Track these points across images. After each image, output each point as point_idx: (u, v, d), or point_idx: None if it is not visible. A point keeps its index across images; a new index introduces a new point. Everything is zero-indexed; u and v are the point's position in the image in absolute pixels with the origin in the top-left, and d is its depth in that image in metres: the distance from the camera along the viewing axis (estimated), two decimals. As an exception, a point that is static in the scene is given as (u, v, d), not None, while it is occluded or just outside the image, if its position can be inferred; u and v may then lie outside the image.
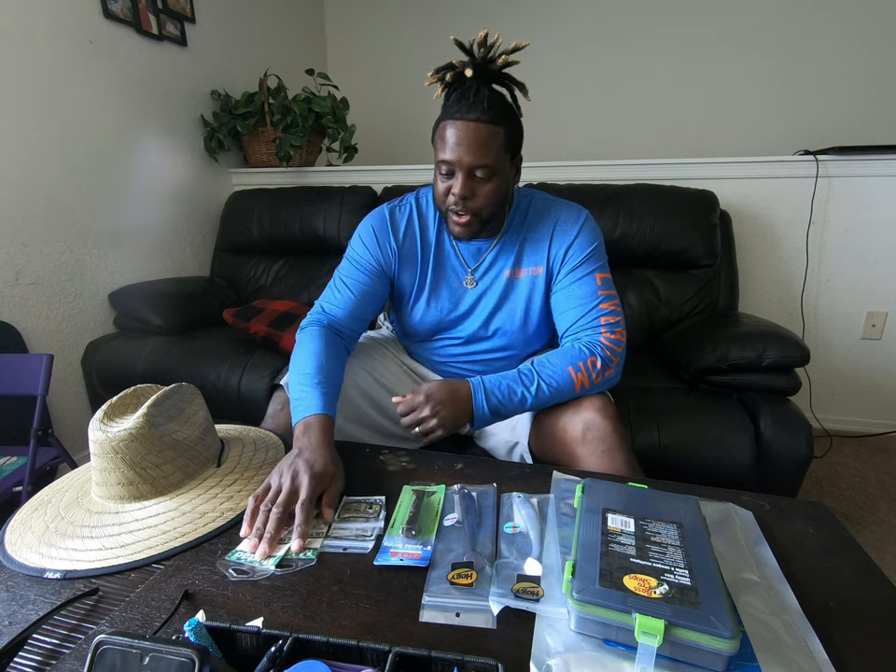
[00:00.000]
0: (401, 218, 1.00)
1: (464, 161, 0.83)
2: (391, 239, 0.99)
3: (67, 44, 1.53)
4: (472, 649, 0.45)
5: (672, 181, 1.72)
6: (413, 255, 1.00)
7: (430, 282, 1.00)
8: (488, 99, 0.82)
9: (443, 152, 0.84)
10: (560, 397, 0.87)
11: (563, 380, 0.86)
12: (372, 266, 0.99)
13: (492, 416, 0.86)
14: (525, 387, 0.85)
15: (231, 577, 0.55)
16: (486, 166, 0.84)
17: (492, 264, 0.99)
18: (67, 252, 1.58)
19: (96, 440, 0.63)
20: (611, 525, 0.55)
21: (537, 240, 0.97)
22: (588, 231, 0.96)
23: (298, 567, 0.56)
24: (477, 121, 0.82)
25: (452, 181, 0.86)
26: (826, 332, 1.91)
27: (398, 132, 2.84)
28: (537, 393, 0.85)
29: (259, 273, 2.03)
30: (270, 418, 0.96)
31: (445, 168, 0.85)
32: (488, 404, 0.84)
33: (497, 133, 0.83)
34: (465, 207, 0.87)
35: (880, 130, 2.15)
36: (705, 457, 1.13)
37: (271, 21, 2.44)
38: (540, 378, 0.86)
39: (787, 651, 0.45)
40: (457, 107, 0.83)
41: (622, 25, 2.43)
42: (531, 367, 0.87)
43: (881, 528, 1.39)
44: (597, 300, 0.92)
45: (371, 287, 0.99)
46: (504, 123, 0.84)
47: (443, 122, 0.85)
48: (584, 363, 0.86)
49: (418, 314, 1.02)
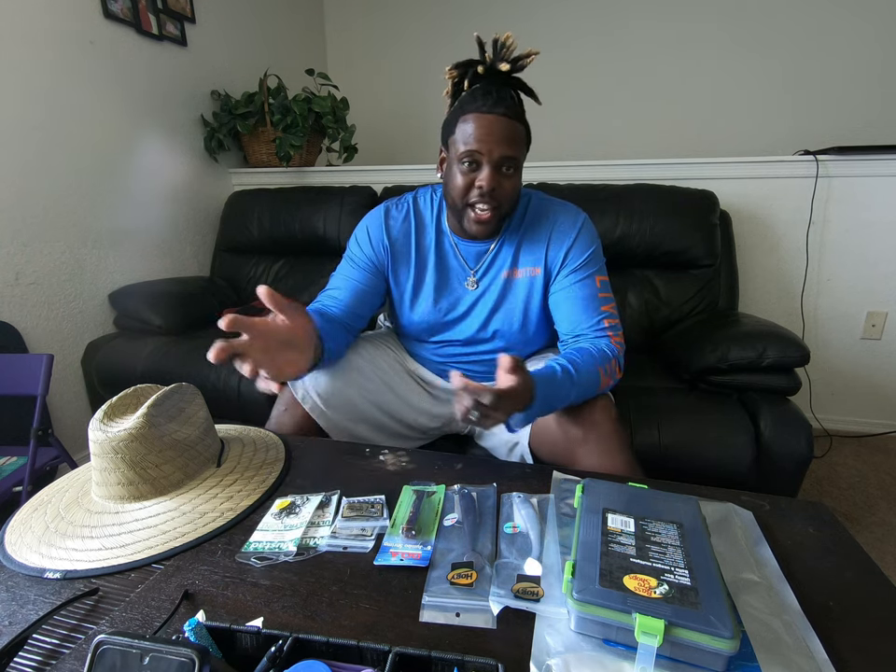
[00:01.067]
0: (397, 217, 1.01)
1: (494, 152, 0.83)
2: (384, 237, 1.00)
3: (67, 44, 1.53)
4: (472, 649, 0.45)
5: (672, 181, 1.72)
6: (407, 253, 1.01)
7: (427, 282, 1.01)
8: (511, 97, 0.85)
9: (470, 143, 0.84)
10: (583, 397, 0.85)
11: (594, 380, 0.83)
12: (368, 264, 1.01)
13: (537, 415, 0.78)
14: (567, 388, 0.80)
15: (256, 565, 0.56)
16: (513, 158, 0.85)
17: (491, 265, 0.99)
18: (67, 252, 1.58)
19: (96, 440, 0.63)
20: (611, 525, 0.55)
21: (534, 241, 0.97)
22: (587, 233, 0.96)
23: (313, 554, 0.58)
24: (506, 116, 0.83)
25: (475, 174, 0.86)
26: (826, 332, 1.91)
27: (398, 132, 2.85)
28: (573, 391, 0.81)
29: (259, 273, 2.03)
30: (273, 421, 0.96)
31: (470, 159, 0.85)
32: (541, 404, 0.76)
33: (520, 129, 0.86)
34: (491, 199, 0.86)
35: (880, 130, 2.15)
36: (705, 457, 1.13)
37: (271, 21, 2.44)
38: (579, 376, 0.81)
39: (787, 651, 0.45)
40: (483, 101, 0.83)
41: (622, 25, 2.43)
42: (569, 364, 0.81)
43: (881, 528, 1.39)
44: (598, 302, 0.92)
45: (368, 285, 1.00)
46: (524, 122, 0.87)
47: (466, 116, 0.84)
48: (610, 365, 0.86)
49: (414, 313, 1.02)
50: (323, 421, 0.94)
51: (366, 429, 1.00)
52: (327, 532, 0.61)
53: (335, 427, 0.95)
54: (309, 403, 0.93)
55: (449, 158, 0.90)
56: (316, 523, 0.63)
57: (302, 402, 0.93)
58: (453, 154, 0.88)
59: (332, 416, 0.94)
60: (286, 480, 0.73)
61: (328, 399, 0.93)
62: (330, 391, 0.93)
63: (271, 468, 0.74)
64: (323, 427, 0.95)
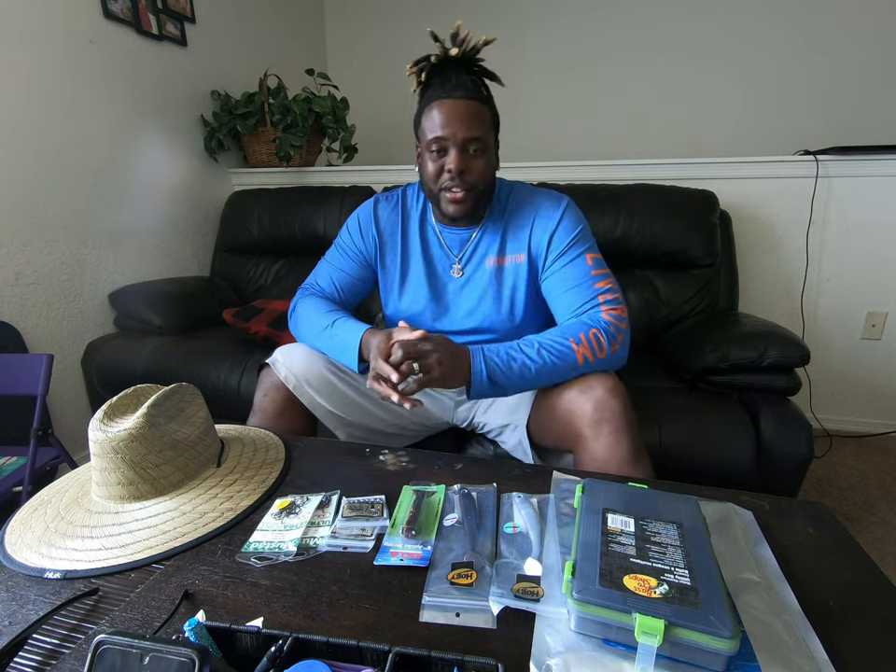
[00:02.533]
0: (386, 208, 1.04)
1: (458, 134, 0.85)
2: (373, 228, 1.03)
3: (67, 44, 1.53)
4: (472, 649, 0.45)
5: (672, 181, 1.72)
6: (394, 243, 1.03)
7: (413, 270, 1.02)
8: (471, 80, 0.87)
9: (434, 130, 0.86)
10: (562, 371, 0.84)
11: (563, 350, 0.83)
12: (355, 253, 1.04)
13: (490, 384, 0.82)
14: (525, 355, 0.82)
15: (256, 565, 0.56)
16: (478, 138, 0.86)
17: (475, 252, 0.99)
18: (67, 252, 1.58)
19: (96, 440, 0.63)
20: (611, 525, 0.55)
21: (518, 227, 0.97)
22: (570, 215, 0.96)
23: (313, 554, 0.58)
24: (465, 98, 0.85)
25: (444, 159, 0.88)
26: (826, 332, 1.91)
27: (397, 132, 2.83)
28: (537, 361, 0.82)
29: (259, 273, 2.03)
30: (256, 408, 0.97)
31: (437, 146, 0.87)
32: (486, 367, 0.81)
33: (482, 109, 0.87)
34: (461, 181, 0.88)
35: (880, 130, 2.14)
36: (705, 457, 1.13)
37: (271, 21, 2.44)
38: (541, 346, 0.83)
39: (787, 651, 0.45)
40: (441, 90, 0.86)
41: (622, 25, 2.43)
42: (531, 337, 0.86)
43: (881, 528, 1.39)
44: (591, 279, 0.91)
45: (356, 275, 1.04)
46: (487, 102, 0.89)
47: (429, 104, 0.87)
48: (585, 335, 0.84)
49: (402, 302, 1.03)
50: (307, 399, 0.96)
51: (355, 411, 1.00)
52: (327, 532, 0.61)
53: (321, 407, 0.97)
54: (292, 382, 0.95)
55: (420, 147, 0.92)
56: (316, 523, 0.63)
57: (286, 382, 0.95)
58: (423, 143, 0.90)
59: (316, 396, 0.96)
60: (286, 480, 0.73)
61: (311, 378, 0.96)
62: (311, 371, 0.96)
63: (271, 468, 0.74)
64: (307, 406, 0.96)
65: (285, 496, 0.68)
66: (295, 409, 0.96)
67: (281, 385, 0.95)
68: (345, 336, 0.92)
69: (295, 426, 0.96)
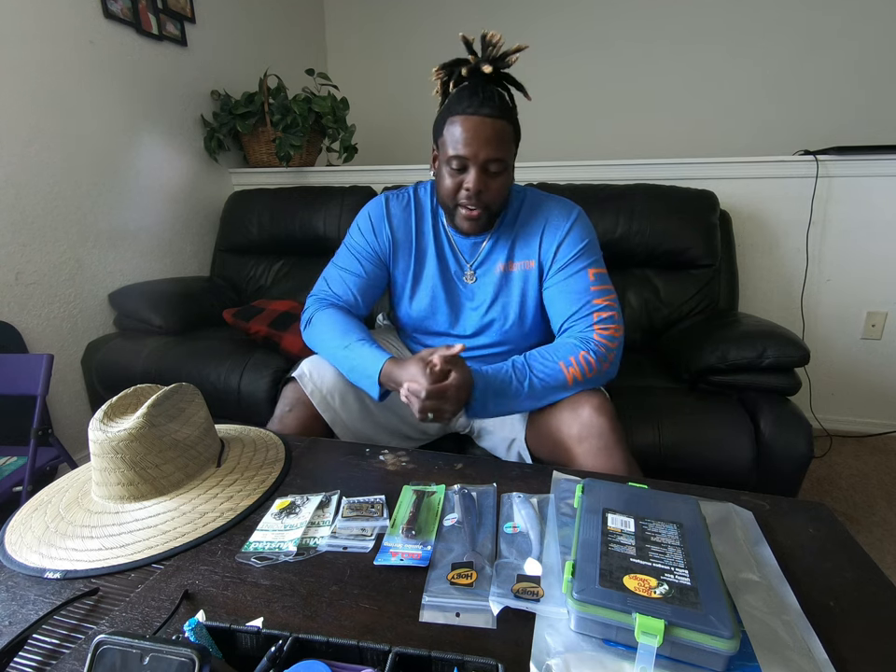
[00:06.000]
0: (398, 206, 1.02)
1: (479, 155, 0.84)
2: (386, 226, 1.01)
3: (67, 44, 1.53)
4: (472, 649, 0.45)
5: (672, 181, 1.72)
6: (408, 242, 1.01)
7: (427, 273, 1.01)
8: (498, 95, 0.85)
9: (457, 148, 0.84)
10: (553, 392, 0.87)
11: (554, 374, 0.86)
12: (369, 253, 1.01)
13: (489, 407, 0.85)
14: (518, 381, 0.85)
15: (256, 565, 0.56)
16: (499, 160, 0.85)
17: (487, 258, 0.99)
18: (67, 252, 1.58)
19: (96, 440, 0.63)
20: (611, 525, 0.55)
21: (528, 234, 0.97)
22: (579, 227, 0.96)
23: (313, 554, 0.58)
24: (491, 116, 0.83)
25: (463, 176, 0.87)
26: (826, 332, 1.91)
27: (397, 132, 2.84)
28: (530, 386, 0.85)
29: (259, 273, 2.03)
30: (276, 420, 0.96)
31: (457, 163, 0.86)
32: (486, 395, 0.84)
33: (506, 128, 0.86)
34: (478, 202, 0.87)
35: (880, 130, 2.14)
36: (705, 457, 1.12)
37: (271, 21, 2.44)
38: (532, 372, 0.86)
39: (787, 651, 0.45)
40: (469, 103, 0.83)
41: (622, 25, 2.43)
42: (524, 360, 0.88)
43: (881, 528, 1.39)
44: (590, 295, 0.92)
45: (370, 276, 1.01)
46: (511, 119, 0.87)
47: (453, 118, 0.85)
48: (576, 358, 0.86)
49: (413, 305, 1.03)
50: (329, 415, 0.95)
51: (371, 427, 1.00)
52: (327, 532, 0.61)
53: (342, 423, 0.96)
54: (317, 398, 0.94)
55: (439, 158, 0.91)
56: (316, 523, 0.63)
57: (311, 397, 0.94)
58: (442, 156, 0.88)
59: (340, 412, 0.95)
60: (286, 480, 0.73)
61: (336, 395, 0.95)
62: (338, 388, 0.94)
63: (271, 468, 0.74)
64: (328, 422, 0.96)
65: (285, 496, 0.68)
66: (317, 426, 0.95)
67: (308, 402, 0.94)
68: (363, 365, 0.88)
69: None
